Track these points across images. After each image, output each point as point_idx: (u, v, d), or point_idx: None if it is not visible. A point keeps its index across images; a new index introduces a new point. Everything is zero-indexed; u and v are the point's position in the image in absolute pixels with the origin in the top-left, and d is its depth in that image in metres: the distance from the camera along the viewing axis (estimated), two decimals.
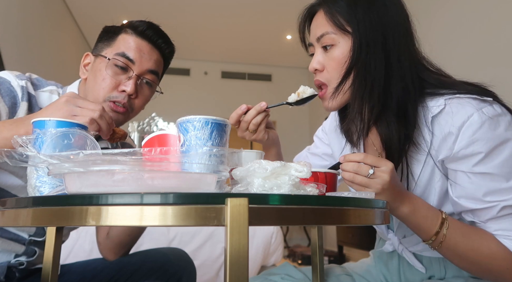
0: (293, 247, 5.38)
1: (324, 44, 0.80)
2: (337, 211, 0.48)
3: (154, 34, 0.99)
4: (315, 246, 0.83)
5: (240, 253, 0.39)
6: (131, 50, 0.97)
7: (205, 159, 0.59)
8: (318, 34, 0.81)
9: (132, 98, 0.98)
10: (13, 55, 3.71)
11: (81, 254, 1.78)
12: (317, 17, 0.83)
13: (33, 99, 0.92)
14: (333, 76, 0.80)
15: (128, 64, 0.96)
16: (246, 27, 6.09)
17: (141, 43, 0.98)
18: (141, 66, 0.97)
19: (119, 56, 0.96)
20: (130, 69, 0.96)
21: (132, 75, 0.96)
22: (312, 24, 0.85)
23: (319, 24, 0.81)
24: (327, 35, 0.79)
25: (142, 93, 1.00)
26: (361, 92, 0.77)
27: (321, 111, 6.91)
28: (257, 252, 2.14)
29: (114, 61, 0.95)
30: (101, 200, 0.40)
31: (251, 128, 0.88)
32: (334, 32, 0.79)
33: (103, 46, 0.99)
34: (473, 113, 0.70)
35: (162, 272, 1.09)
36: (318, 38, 0.81)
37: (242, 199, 0.39)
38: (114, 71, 0.95)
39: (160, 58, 1.03)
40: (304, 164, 0.52)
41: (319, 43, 0.81)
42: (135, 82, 0.96)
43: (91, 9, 5.41)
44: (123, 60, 0.96)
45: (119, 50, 0.96)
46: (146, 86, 1.01)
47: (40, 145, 0.60)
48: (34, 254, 0.95)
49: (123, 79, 0.96)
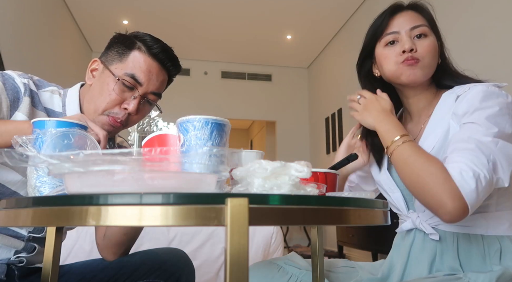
0: (293, 247, 5.38)
1: (418, 33, 0.95)
2: (337, 211, 0.48)
3: (166, 58, 1.02)
4: (315, 246, 0.83)
5: (240, 253, 0.39)
6: (141, 72, 0.98)
7: (205, 159, 0.59)
8: (413, 24, 0.96)
9: (131, 115, 1.01)
10: (13, 55, 3.71)
11: (81, 254, 1.78)
12: (407, 13, 0.98)
13: (35, 96, 0.94)
14: (426, 56, 0.95)
15: (136, 86, 0.98)
16: (246, 27, 6.09)
17: (151, 64, 1.00)
18: (147, 88, 1.00)
19: (128, 76, 0.97)
20: (136, 90, 0.99)
21: (137, 95, 0.99)
22: (401, 17, 0.98)
23: (413, 17, 0.97)
24: (423, 26, 0.96)
25: (141, 111, 1.04)
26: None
27: (320, 112, 6.91)
28: (257, 252, 2.14)
29: (123, 81, 0.97)
30: (101, 200, 0.40)
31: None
32: (428, 26, 0.97)
33: (114, 59, 1.00)
34: (481, 86, 0.86)
35: (161, 272, 1.09)
36: (413, 27, 0.96)
37: (242, 199, 0.39)
38: (121, 89, 0.98)
39: (166, 79, 1.06)
40: (304, 164, 0.52)
41: (412, 32, 0.96)
42: (138, 102, 0.99)
43: (92, 10, 5.40)
44: (132, 82, 0.98)
45: (129, 69, 0.98)
46: (147, 104, 1.04)
47: (40, 145, 0.60)
48: (33, 250, 0.96)
49: (128, 97, 0.99)
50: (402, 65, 0.94)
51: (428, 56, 0.94)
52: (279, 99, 7.53)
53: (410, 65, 0.94)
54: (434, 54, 0.95)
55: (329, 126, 6.40)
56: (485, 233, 0.86)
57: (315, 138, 7.02)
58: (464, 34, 3.32)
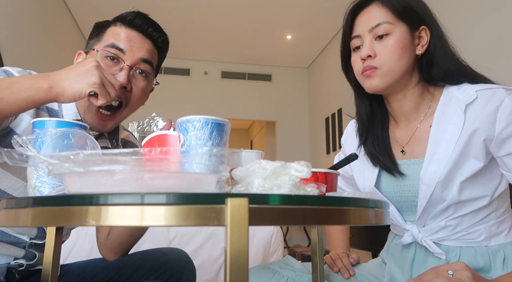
0: (293, 247, 5.38)
1: (379, 33, 0.87)
2: (337, 211, 0.48)
3: (144, 22, 0.96)
4: (315, 246, 0.83)
5: (240, 253, 0.39)
6: (121, 41, 0.93)
7: (205, 159, 0.59)
8: (372, 24, 0.88)
9: (127, 90, 0.94)
10: (12, 54, 3.71)
11: (81, 254, 1.78)
12: (368, 10, 0.90)
13: None
14: (386, 61, 0.87)
15: (119, 55, 0.92)
16: (246, 27, 6.09)
17: (131, 33, 0.94)
18: (133, 56, 0.93)
19: (109, 47, 0.92)
20: (121, 60, 0.93)
21: (124, 66, 0.92)
22: (362, 17, 0.91)
23: (374, 14, 0.88)
24: (384, 24, 0.87)
25: (137, 84, 0.96)
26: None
27: (320, 112, 6.91)
28: (257, 252, 2.14)
29: (104, 53, 0.92)
30: (101, 200, 0.40)
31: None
32: (391, 21, 0.87)
33: (93, 42, 0.97)
34: (504, 98, 0.80)
35: (161, 272, 1.08)
36: (372, 28, 0.88)
37: (242, 199, 0.39)
38: (105, 63, 0.92)
39: (153, 48, 0.98)
40: (304, 164, 0.52)
41: (373, 32, 0.88)
42: (128, 73, 0.92)
43: (91, 9, 5.41)
44: (114, 51, 0.92)
45: (108, 42, 0.93)
46: (140, 76, 0.96)
47: (40, 145, 0.60)
48: (33, 258, 0.95)
49: (115, 71, 0.92)
50: (362, 75, 0.90)
51: (389, 60, 0.86)
52: (279, 99, 7.53)
53: (367, 76, 0.88)
54: (399, 54, 0.86)
55: (329, 126, 6.40)
56: (489, 244, 0.85)
57: (315, 138, 7.02)
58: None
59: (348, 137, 1.08)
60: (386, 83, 0.88)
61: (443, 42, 0.90)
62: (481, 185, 0.84)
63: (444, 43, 0.90)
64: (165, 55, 1.06)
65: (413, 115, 0.94)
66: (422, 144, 0.90)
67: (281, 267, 0.94)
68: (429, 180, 0.85)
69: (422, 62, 0.91)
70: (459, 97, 0.85)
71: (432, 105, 0.91)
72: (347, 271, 0.96)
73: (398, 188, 0.93)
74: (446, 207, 0.85)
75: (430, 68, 0.89)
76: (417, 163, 0.90)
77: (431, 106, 0.92)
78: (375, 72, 0.87)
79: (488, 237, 0.85)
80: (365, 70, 0.88)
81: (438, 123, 0.87)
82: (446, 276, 0.74)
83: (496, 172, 0.86)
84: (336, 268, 0.98)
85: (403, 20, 0.88)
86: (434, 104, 0.91)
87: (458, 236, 0.86)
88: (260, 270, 0.95)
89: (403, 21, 0.88)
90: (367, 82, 0.89)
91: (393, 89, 0.90)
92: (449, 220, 0.86)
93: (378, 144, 0.96)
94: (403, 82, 0.90)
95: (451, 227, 0.86)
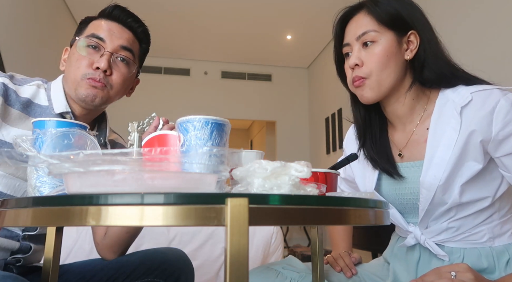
0: (293, 247, 5.38)
1: (365, 41, 0.88)
2: (337, 211, 0.48)
3: (122, 13, 1.02)
4: (315, 246, 0.83)
5: (240, 253, 0.39)
6: (101, 31, 1.00)
7: (205, 159, 0.59)
8: (359, 32, 0.89)
9: (107, 75, 0.99)
10: (13, 56, 3.71)
11: (81, 254, 1.78)
12: (356, 18, 0.91)
13: (12, 94, 0.92)
14: (374, 70, 0.87)
15: (99, 43, 0.99)
16: (246, 27, 6.09)
17: (110, 24, 1.01)
18: (112, 43, 0.99)
19: (89, 37, 0.99)
20: (102, 47, 0.99)
21: (105, 52, 0.98)
22: (350, 24, 0.92)
23: (361, 22, 0.89)
24: (370, 32, 0.87)
25: (118, 70, 1.01)
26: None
27: (320, 112, 6.92)
28: (257, 252, 2.14)
29: (86, 42, 0.99)
30: (101, 200, 0.40)
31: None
32: (377, 29, 0.87)
33: (77, 36, 1.03)
34: (499, 98, 0.80)
35: (160, 271, 1.09)
36: (359, 36, 0.89)
37: (242, 199, 0.39)
38: (87, 51, 0.98)
39: (132, 37, 1.04)
40: (304, 164, 0.52)
41: (360, 40, 0.89)
42: (108, 59, 0.98)
43: (92, 11, 5.40)
44: (94, 40, 0.99)
45: (89, 33, 1.00)
46: (121, 63, 1.01)
47: (40, 145, 0.60)
48: (29, 250, 0.95)
49: (97, 58, 0.98)
50: (353, 85, 0.91)
51: (376, 69, 0.87)
52: (279, 99, 7.53)
53: (358, 86, 0.89)
54: (384, 62, 0.86)
55: (329, 126, 6.40)
56: (493, 245, 0.85)
57: (315, 138, 7.02)
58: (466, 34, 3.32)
59: (349, 141, 1.09)
60: (378, 94, 0.89)
61: (433, 46, 0.89)
62: (482, 187, 0.84)
63: (435, 47, 0.89)
64: (147, 47, 1.11)
65: (408, 118, 0.94)
66: (420, 147, 0.90)
67: (284, 268, 0.94)
68: (430, 184, 0.84)
69: (414, 65, 0.90)
70: (455, 99, 0.85)
71: (428, 108, 0.91)
72: (349, 270, 0.97)
73: (399, 191, 0.93)
74: (448, 209, 0.85)
75: (421, 71, 0.89)
76: (416, 166, 0.90)
77: (426, 108, 0.91)
78: (364, 83, 0.88)
79: (491, 237, 0.85)
80: (355, 81, 0.90)
81: (435, 127, 0.87)
82: (448, 278, 0.74)
83: (496, 173, 0.85)
84: (339, 267, 0.98)
85: (389, 27, 0.88)
86: (430, 106, 0.91)
87: (461, 238, 0.86)
88: (263, 271, 0.94)
89: (389, 28, 0.88)
90: (359, 93, 0.91)
91: (393, 94, 0.91)
92: (452, 222, 0.86)
93: (376, 147, 0.97)
94: (395, 88, 0.90)
95: (453, 228, 0.86)
